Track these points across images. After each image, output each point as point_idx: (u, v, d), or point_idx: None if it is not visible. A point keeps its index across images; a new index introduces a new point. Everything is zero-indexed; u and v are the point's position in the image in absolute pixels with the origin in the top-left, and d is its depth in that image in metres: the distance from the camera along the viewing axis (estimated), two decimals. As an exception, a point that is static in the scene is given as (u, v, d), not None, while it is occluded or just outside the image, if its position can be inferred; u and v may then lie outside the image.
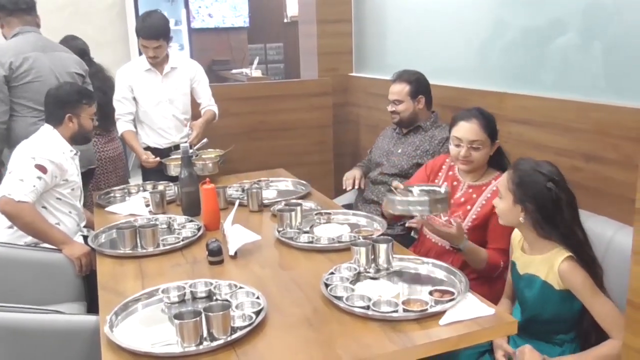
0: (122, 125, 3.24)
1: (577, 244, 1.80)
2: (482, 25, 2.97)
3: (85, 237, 2.64)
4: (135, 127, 3.31)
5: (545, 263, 1.83)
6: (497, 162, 2.37)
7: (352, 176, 3.20)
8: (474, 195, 2.32)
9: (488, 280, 2.26)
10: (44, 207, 2.53)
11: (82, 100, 2.65)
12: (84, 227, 2.77)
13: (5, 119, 2.94)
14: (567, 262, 1.77)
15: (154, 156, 3.14)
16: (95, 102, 2.75)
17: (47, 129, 2.63)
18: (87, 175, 3.15)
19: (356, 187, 3.18)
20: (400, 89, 3.00)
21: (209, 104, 3.38)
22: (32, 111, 2.98)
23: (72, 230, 2.63)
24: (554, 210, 1.80)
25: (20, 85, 2.97)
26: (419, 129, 3.01)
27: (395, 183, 2.24)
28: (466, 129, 2.29)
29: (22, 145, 2.58)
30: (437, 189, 2.18)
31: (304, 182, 3.09)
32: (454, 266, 1.99)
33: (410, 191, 2.17)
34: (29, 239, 2.48)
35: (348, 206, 3.17)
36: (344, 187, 3.21)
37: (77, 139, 2.68)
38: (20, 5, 3.08)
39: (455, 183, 2.42)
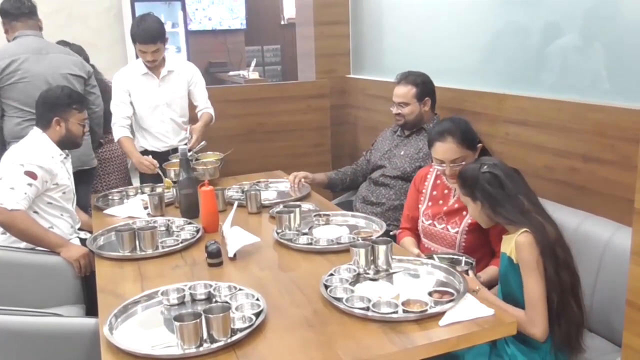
0: (119, 131, 3.21)
1: (525, 212, 1.86)
2: (480, 26, 2.98)
3: (83, 240, 2.63)
4: (133, 132, 3.30)
5: (511, 240, 1.88)
6: None
7: (293, 177, 3.06)
8: None
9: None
10: (36, 212, 2.53)
11: (72, 105, 2.63)
12: (80, 229, 2.77)
13: None
14: (522, 236, 1.83)
15: (151, 159, 3.10)
16: (86, 109, 2.74)
17: (36, 133, 2.62)
18: (81, 176, 3.14)
19: (294, 185, 3.03)
20: (406, 91, 2.94)
21: (205, 107, 3.38)
22: (18, 111, 3.01)
23: (66, 233, 2.63)
24: (496, 189, 1.90)
25: (6, 86, 3.02)
26: (422, 130, 2.98)
27: (417, 252, 2.26)
28: (444, 151, 2.26)
29: (11, 151, 2.57)
30: (459, 257, 2.14)
31: (304, 183, 3.09)
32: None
33: (432, 259, 2.13)
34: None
35: (346, 205, 3.16)
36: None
37: (64, 144, 2.65)
38: (23, 10, 3.15)
39: (446, 191, 2.42)
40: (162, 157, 3.23)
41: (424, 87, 2.95)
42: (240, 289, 1.81)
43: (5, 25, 3.20)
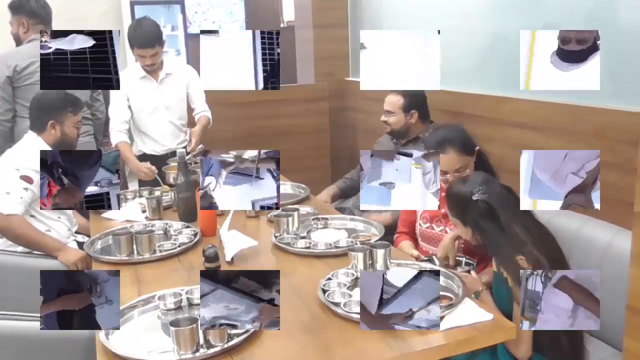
0: (117, 136, 3.20)
1: (519, 244, 1.80)
2: (479, 29, 2.98)
3: (80, 244, 2.62)
4: (131, 137, 3.29)
5: None
6: (482, 165, 2.32)
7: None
8: None
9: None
10: (32, 216, 2.51)
11: (67, 108, 2.61)
12: (78, 232, 2.75)
13: (8, 117, 3.03)
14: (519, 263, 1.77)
15: (149, 165, 3.09)
16: (81, 111, 2.73)
17: (30, 137, 2.60)
18: None
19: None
20: (394, 101, 2.94)
21: (203, 110, 3.37)
22: None
23: (63, 235, 2.62)
24: (489, 222, 1.84)
25: (23, 86, 3.05)
26: (418, 140, 2.98)
27: (416, 253, 2.25)
28: (446, 162, 2.21)
29: (6, 156, 2.56)
30: (459, 258, 2.13)
31: (303, 185, 3.08)
32: None
33: (432, 260, 2.13)
34: (24, 245, 2.47)
35: (344, 210, 3.15)
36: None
37: (59, 147, 2.61)
38: (51, 17, 3.24)
39: (443, 194, 2.40)
40: (160, 160, 3.22)
41: (413, 99, 2.92)
42: (237, 294, 1.80)
43: (28, 25, 3.19)
